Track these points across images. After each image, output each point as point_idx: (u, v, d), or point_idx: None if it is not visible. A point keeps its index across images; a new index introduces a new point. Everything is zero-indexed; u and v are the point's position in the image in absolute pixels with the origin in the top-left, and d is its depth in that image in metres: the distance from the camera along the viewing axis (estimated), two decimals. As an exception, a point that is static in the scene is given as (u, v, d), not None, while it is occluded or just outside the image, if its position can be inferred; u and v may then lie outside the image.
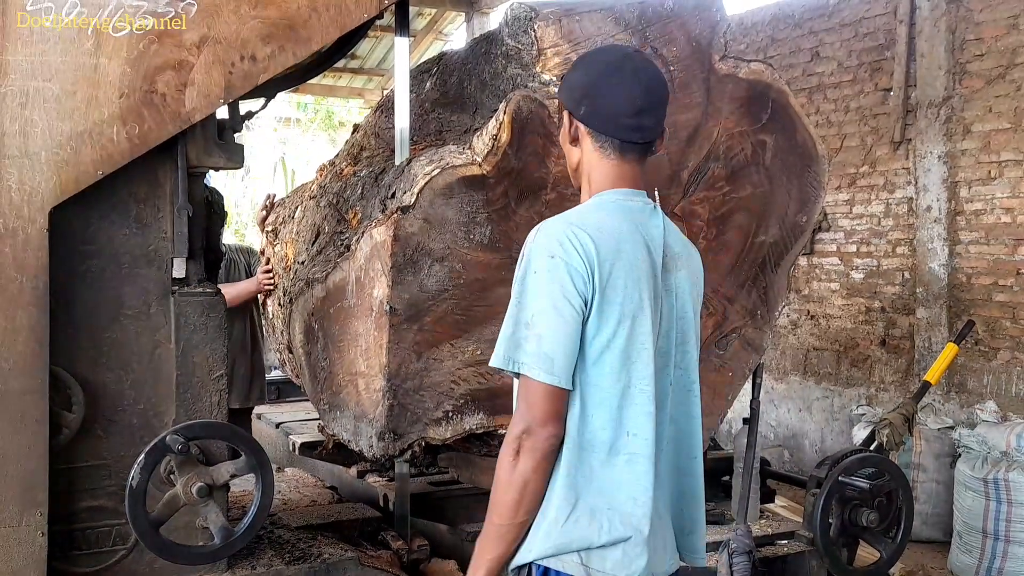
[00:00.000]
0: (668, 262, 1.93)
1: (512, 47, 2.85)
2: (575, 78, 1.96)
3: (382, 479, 3.59)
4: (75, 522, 2.67)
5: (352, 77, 12.46)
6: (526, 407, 1.78)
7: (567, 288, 1.76)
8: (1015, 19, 6.05)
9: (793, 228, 3.21)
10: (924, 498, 5.88)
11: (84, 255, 2.66)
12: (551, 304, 1.76)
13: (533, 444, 1.76)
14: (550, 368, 1.76)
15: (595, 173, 1.93)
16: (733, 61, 2.98)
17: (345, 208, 3.13)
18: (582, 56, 2.05)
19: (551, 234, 1.81)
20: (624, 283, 1.81)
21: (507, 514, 1.81)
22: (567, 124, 1.97)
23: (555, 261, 1.77)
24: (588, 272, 1.78)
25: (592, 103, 1.90)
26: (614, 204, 1.90)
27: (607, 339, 1.80)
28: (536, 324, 1.76)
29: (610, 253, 1.80)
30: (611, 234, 1.82)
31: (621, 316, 1.81)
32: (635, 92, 1.90)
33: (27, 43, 2.44)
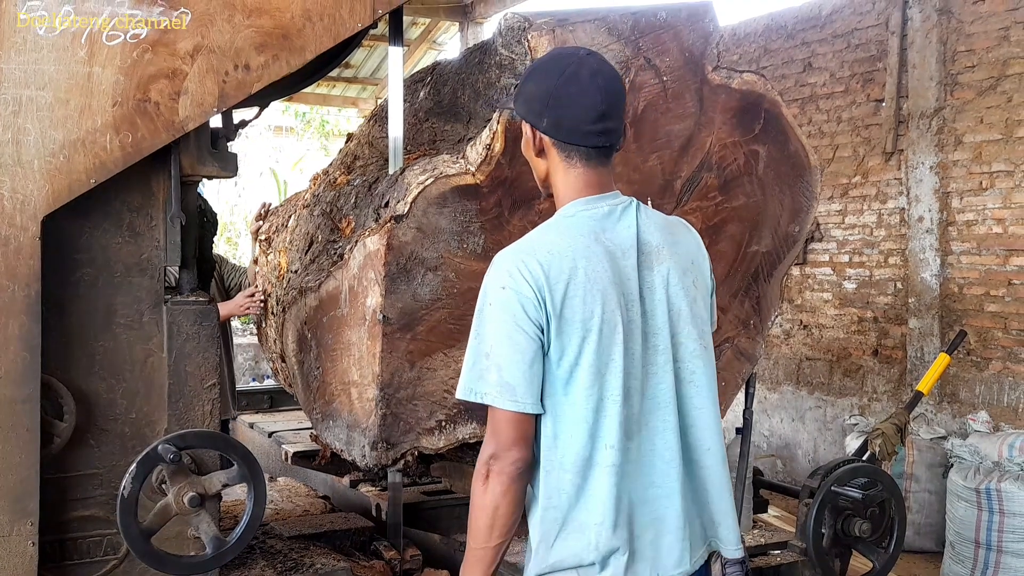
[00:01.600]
0: (645, 260, 1.93)
1: (506, 57, 2.86)
2: (531, 90, 1.95)
3: (375, 489, 3.58)
4: (66, 532, 2.66)
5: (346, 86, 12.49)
6: (492, 434, 1.84)
7: (519, 317, 1.81)
8: (1006, 31, 6.09)
9: (786, 238, 3.22)
10: (917, 508, 5.90)
11: (76, 264, 2.65)
12: (506, 334, 1.81)
13: (501, 468, 1.82)
14: (513, 395, 1.80)
15: (562, 184, 1.95)
16: (726, 72, 2.99)
17: (339, 217, 3.12)
18: (534, 65, 2.02)
19: (502, 266, 1.86)
20: (583, 301, 1.83)
21: (481, 538, 1.87)
22: (530, 136, 1.97)
23: (506, 292, 1.82)
24: (539, 299, 1.81)
25: (554, 115, 1.90)
26: (573, 219, 1.91)
27: (573, 358, 1.83)
28: (494, 355, 1.82)
29: (563, 274, 1.83)
30: (565, 254, 1.85)
31: (584, 332, 1.83)
32: (596, 98, 1.89)
33: (20, 51, 2.44)
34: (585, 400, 1.84)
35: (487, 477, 1.84)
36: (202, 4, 2.55)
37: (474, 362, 1.85)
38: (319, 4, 2.66)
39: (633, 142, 2.88)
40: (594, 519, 1.85)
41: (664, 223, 2.02)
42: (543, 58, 2.03)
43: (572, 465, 1.86)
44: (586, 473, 1.85)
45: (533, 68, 2.01)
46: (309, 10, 2.65)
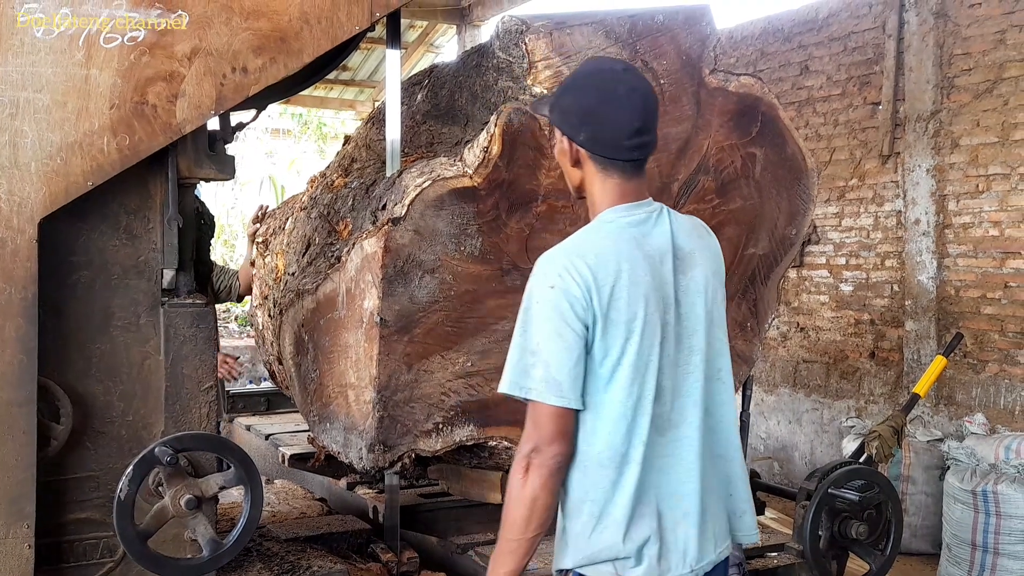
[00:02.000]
0: (680, 264, 2.02)
1: (503, 60, 2.86)
2: (569, 103, 2.01)
3: (372, 491, 3.57)
4: (62, 534, 2.65)
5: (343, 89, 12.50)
6: (534, 428, 1.90)
7: (567, 315, 1.88)
8: (1002, 34, 6.11)
9: (783, 241, 3.23)
10: (913, 510, 5.90)
11: (73, 266, 2.65)
12: (554, 331, 1.88)
13: (541, 462, 1.88)
14: (559, 391, 1.87)
15: (599, 194, 2.01)
16: (723, 75, 3.00)
17: (336, 219, 3.13)
18: (572, 79, 2.09)
19: (550, 265, 1.93)
20: (627, 302, 1.91)
21: (518, 529, 1.90)
22: (567, 147, 2.03)
23: (554, 291, 1.89)
24: (587, 299, 1.88)
25: (592, 129, 1.97)
26: (613, 224, 1.98)
27: (616, 357, 1.91)
28: (542, 351, 1.89)
29: (609, 276, 1.90)
30: (611, 257, 1.92)
31: (628, 333, 1.91)
32: (633, 115, 1.97)
33: (17, 54, 2.43)
34: (625, 398, 1.91)
35: (527, 470, 1.88)
36: (200, 7, 2.55)
37: (519, 358, 1.92)
38: (317, 7, 2.66)
39: None
40: (629, 512, 1.92)
41: (692, 227, 2.11)
42: (581, 71, 2.09)
43: (610, 460, 1.92)
44: (622, 468, 1.92)
45: (571, 81, 2.07)
46: (307, 13, 2.65)
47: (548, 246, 2.82)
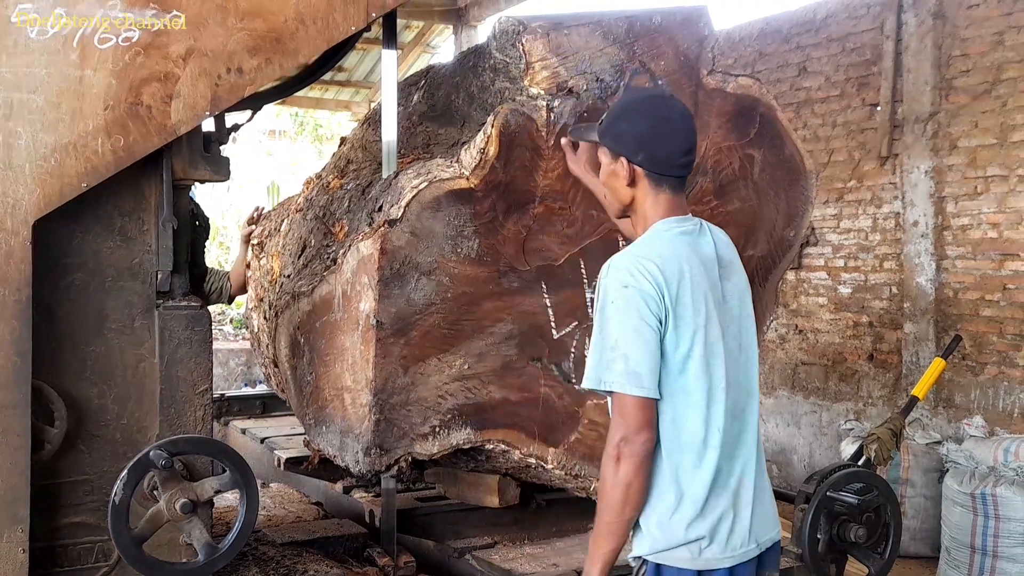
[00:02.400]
0: (723, 272, 2.25)
1: (500, 60, 2.85)
2: (626, 128, 2.23)
3: (368, 495, 3.56)
4: (57, 538, 2.65)
5: (339, 89, 12.48)
6: (621, 418, 2.05)
7: (643, 311, 2.05)
8: (1000, 35, 6.11)
9: (781, 243, 3.22)
10: (912, 513, 5.89)
11: (67, 268, 2.64)
12: (631, 327, 2.05)
13: (632, 450, 2.03)
14: (639, 383, 2.03)
15: (652, 208, 2.22)
16: (721, 76, 2.99)
17: (332, 221, 3.11)
18: (624, 106, 2.30)
19: (622, 267, 2.11)
20: (691, 299, 2.11)
21: (615, 512, 2.06)
22: (623, 169, 2.22)
23: (629, 290, 2.07)
24: (659, 295, 2.07)
25: (650, 151, 2.19)
26: (670, 232, 2.18)
27: (686, 349, 2.10)
28: (620, 346, 2.05)
29: (675, 275, 2.10)
30: (674, 259, 2.12)
31: (695, 327, 2.10)
32: (688, 136, 2.24)
33: (11, 55, 2.43)
34: (697, 388, 2.10)
35: (618, 459, 2.03)
36: (195, 7, 2.55)
37: (600, 355, 2.08)
38: (312, 7, 2.66)
39: None
40: (706, 495, 2.11)
41: (727, 240, 2.33)
42: (632, 99, 2.34)
43: (689, 446, 2.11)
44: (701, 454, 2.11)
45: (623, 109, 2.29)
46: (302, 13, 2.65)
47: (545, 248, 2.84)
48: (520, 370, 2.87)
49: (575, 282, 2.91)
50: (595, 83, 2.78)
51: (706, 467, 2.12)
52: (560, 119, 2.74)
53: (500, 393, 2.85)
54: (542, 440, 2.91)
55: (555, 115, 2.73)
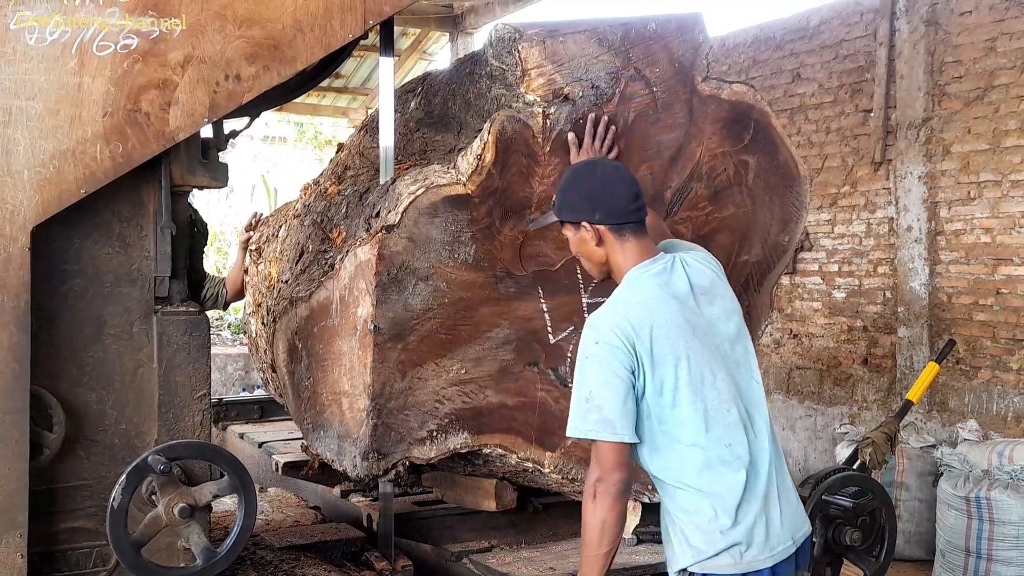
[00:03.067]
0: (702, 299, 2.38)
1: (496, 67, 2.86)
2: (574, 197, 2.41)
3: (366, 499, 3.57)
4: (55, 543, 2.65)
5: (336, 96, 12.49)
6: (597, 462, 2.22)
7: (613, 364, 2.22)
8: (992, 41, 6.14)
9: (775, 248, 3.23)
10: (907, 517, 5.90)
11: (66, 274, 2.65)
12: (603, 380, 2.22)
13: (605, 488, 2.20)
14: (612, 429, 2.20)
15: (621, 259, 2.38)
16: (715, 82, 3.00)
17: (329, 227, 3.12)
18: (564, 182, 2.47)
19: (594, 324, 2.29)
20: (666, 337, 2.26)
21: (594, 546, 2.23)
22: (587, 233, 2.38)
23: (600, 346, 2.24)
24: (628, 346, 2.23)
25: (604, 206, 2.37)
26: (640, 279, 2.35)
27: (672, 382, 2.25)
28: (595, 398, 2.22)
29: (643, 322, 2.25)
30: (640, 306, 2.29)
31: (676, 360, 2.25)
32: (627, 183, 2.42)
33: (10, 62, 2.44)
34: (692, 413, 2.25)
35: (594, 496, 2.21)
36: (193, 14, 2.56)
37: (578, 406, 2.26)
38: (310, 15, 2.67)
39: (623, 152, 2.88)
40: (737, 504, 2.25)
41: (702, 264, 2.45)
42: (572, 171, 2.51)
43: (704, 466, 2.26)
44: (719, 470, 2.26)
45: (568, 181, 2.46)
46: (300, 21, 2.66)
47: (541, 253, 2.86)
48: (517, 375, 2.88)
49: (571, 287, 2.93)
50: (591, 90, 2.79)
51: (728, 480, 2.26)
52: (556, 125, 2.76)
53: (497, 398, 2.87)
54: (539, 444, 2.93)
55: (551, 122, 2.75)
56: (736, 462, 2.27)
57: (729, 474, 2.27)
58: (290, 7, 2.65)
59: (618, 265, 2.39)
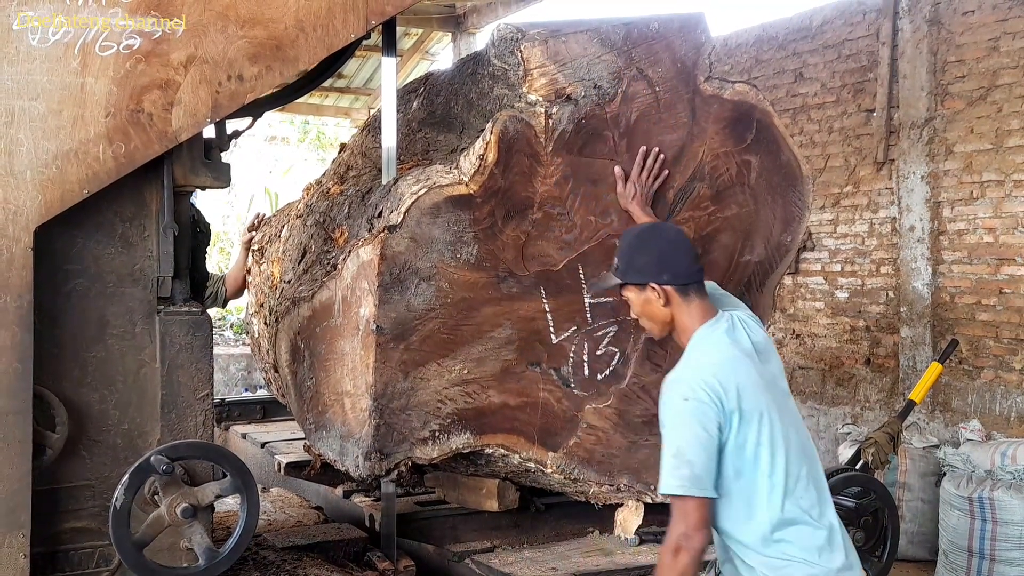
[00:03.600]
0: (762, 357, 2.46)
1: (499, 67, 2.87)
2: (641, 259, 2.48)
3: (368, 499, 3.57)
4: (58, 543, 2.65)
5: (339, 96, 12.49)
6: (682, 517, 2.26)
7: (703, 421, 2.28)
8: (995, 41, 6.13)
9: (778, 248, 3.24)
10: (910, 517, 5.89)
11: (69, 274, 2.65)
12: (693, 436, 2.27)
13: (691, 544, 2.24)
14: (701, 486, 2.27)
15: (688, 318, 2.46)
16: (718, 82, 3.00)
17: (332, 227, 3.13)
18: (631, 243, 2.53)
19: (681, 381, 2.35)
20: (752, 394, 2.33)
21: None
22: (653, 295, 2.45)
23: (688, 403, 2.30)
24: (718, 404, 2.29)
25: (671, 268, 2.45)
26: (713, 337, 2.42)
27: (755, 439, 2.32)
28: (684, 454, 2.27)
29: (731, 379, 2.32)
30: (726, 364, 2.36)
31: (760, 417, 2.33)
32: (687, 245, 2.54)
33: (13, 62, 2.44)
34: (771, 471, 2.33)
35: (677, 551, 2.25)
36: (195, 15, 2.56)
37: (667, 463, 2.29)
38: (312, 15, 2.67)
39: (626, 152, 2.89)
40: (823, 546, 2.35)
41: (754, 322, 2.55)
42: (634, 237, 2.56)
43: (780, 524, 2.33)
44: (799, 527, 2.34)
45: (632, 244, 2.52)
46: (302, 21, 2.66)
47: (544, 253, 2.87)
48: (519, 375, 2.89)
49: (574, 287, 2.93)
50: (593, 90, 2.80)
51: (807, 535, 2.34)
52: (558, 125, 2.76)
53: (499, 398, 2.87)
54: (541, 444, 2.93)
55: (553, 121, 2.75)
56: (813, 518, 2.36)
57: (808, 530, 2.35)
58: (292, 7, 2.65)
59: (683, 324, 2.46)
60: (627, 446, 3.05)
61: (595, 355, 2.98)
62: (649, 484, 3.08)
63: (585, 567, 3.00)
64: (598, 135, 2.86)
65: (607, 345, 2.99)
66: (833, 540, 2.38)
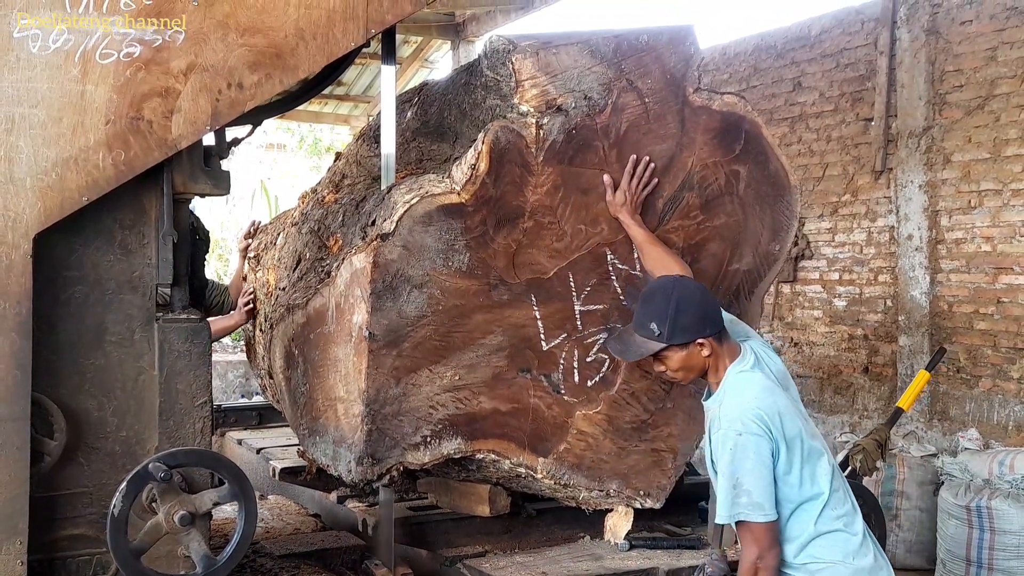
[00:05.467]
0: (781, 384, 2.62)
1: (491, 78, 2.90)
2: (687, 319, 2.55)
3: (362, 504, 3.58)
4: (55, 551, 2.64)
5: (338, 104, 12.51)
6: (753, 541, 2.44)
7: (759, 451, 2.44)
8: (993, 51, 6.16)
9: (766, 256, 3.26)
10: (908, 526, 5.88)
11: (68, 281, 2.65)
12: (750, 467, 2.43)
13: (766, 564, 2.44)
14: (762, 511, 2.43)
15: (721, 361, 2.59)
16: (707, 93, 3.04)
17: (326, 235, 3.16)
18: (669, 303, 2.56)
19: (733, 418, 2.49)
20: (791, 420, 2.50)
21: None
22: (699, 349, 2.55)
23: (743, 437, 2.45)
24: (768, 434, 2.45)
25: (709, 321, 2.58)
26: (747, 374, 2.56)
27: (799, 462, 2.49)
28: (742, 484, 2.44)
29: (774, 412, 2.48)
30: (767, 398, 2.51)
31: (800, 441, 2.50)
32: (709, 293, 2.67)
33: (13, 69, 2.45)
34: (813, 489, 2.50)
35: (756, 572, 2.44)
36: (196, 23, 2.57)
37: (725, 494, 2.46)
38: (312, 23, 2.67)
39: (616, 162, 2.92)
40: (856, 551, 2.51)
41: (773, 356, 2.70)
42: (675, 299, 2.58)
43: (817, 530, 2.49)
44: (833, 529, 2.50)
45: (676, 308, 2.56)
46: (302, 29, 2.66)
47: (535, 261, 2.90)
48: (510, 381, 2.91)
49: (564, 295, 2.96)
50: (583, 101, 2.83)
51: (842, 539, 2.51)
52: (549, 136, 2.80)
53: (490, 404, 2.90)
54: (531, 450, 2.96)
55: (544, 132, 2.79)
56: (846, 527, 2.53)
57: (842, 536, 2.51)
58: (292, 16, 2.65)
59: (717, 367, 2.60)
60: (616, 452, 3.08)
61: (585, 362, 3.01)
62: (638, 490, 3.10)
63: (575, 571, 3.01)
64: (588, 145, 2.89)
65: (597, 352, 3.02)
66: (864, 544, 2.53)
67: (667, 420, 3.16)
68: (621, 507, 3.20)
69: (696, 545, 3.26)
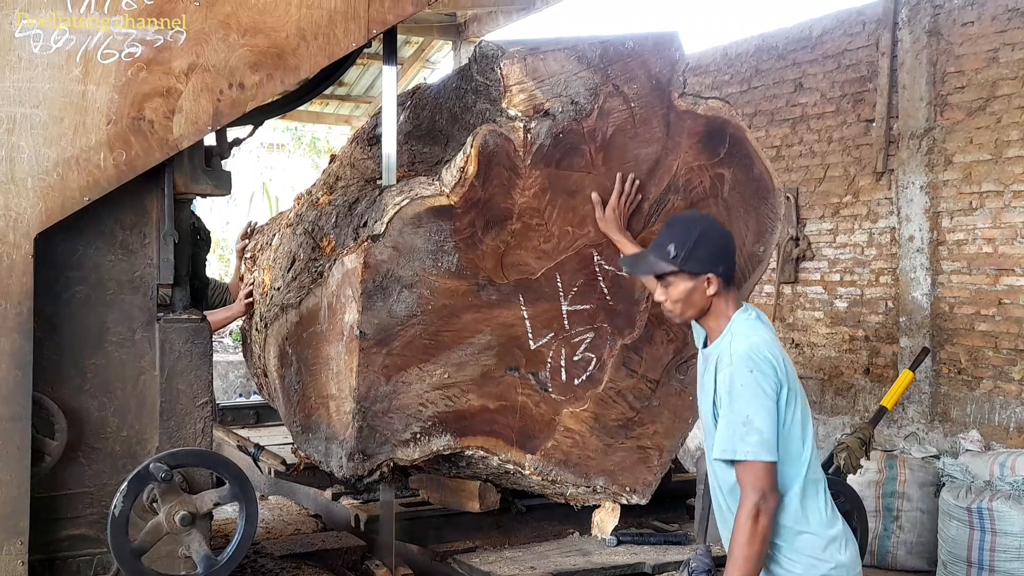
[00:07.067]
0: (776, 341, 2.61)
1: (481, 83, 2.95)
2: (703, 251, 2.53)
3: (356, 501, 3.61)
4: (56, 551, 2.65)
5: (339, 104, 12.51)
6: (754, 482, 2.39)
7: (768, 390, 2.42)
8: (995, 52, 6.15)
9: (751, 258, 3.30)
10: (909, 527, 5.87)
11: (69, 281, 2.66)
12: (761, 404, 2.41)
13: (768, 507, 2.39)
14: (771, 450, 2.40)
15: (726, 305, 2.57)
16: (692, 98, 3.08)
17: (320, 236, 3.20)
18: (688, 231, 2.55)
19: (743, 354, 2.46)
20: (791, 371, 2.51)
21: (754, 562, 2.40)
22: (705, 285, 2.53)
23: (754, 374, 2.43)
24: (776, 374, 2.44)
25: (726, 261, 2.57)
26: (753, 320, 2.56)
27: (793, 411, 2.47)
28: (753, 421, 2.40)
29: (779, 355, 2.49)
30: (772, 342, 2.52)
31: (796, 392, 2.50)
32: (733, 244, 2.64)
33: (14, 69, 2.46)
34: (803, 440, 2.50)
35: (757, 516, 2.38)
36: (197, 23, 2.58)
37: (733, 430, 2.41)
38: (314, 24, 2.68)
39: (602, 165, 2.97)
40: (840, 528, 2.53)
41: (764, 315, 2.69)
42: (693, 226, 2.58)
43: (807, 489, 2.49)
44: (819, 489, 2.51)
45: (692, 234, 2.55)
46: (304, 29, 2.67)
47: (523, 262, 2.95)
48: (498, 379, 2.96)
49: (551, 295, 3.01)
50: (570, 105, 2.89)
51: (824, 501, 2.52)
52: (537, 139, 2.85)
53: (479, 401, 2.94)
54: (519, 447, 3.01)
55: (532, 136, 2.84)
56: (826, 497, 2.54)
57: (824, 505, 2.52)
58: (294, 16, 2.66)
59: (720, 310, 2.57)
60: (603, 449, 3.12)
61: (572, 360, 3.06)
62: (625, 486, 3.15)
63: (563, 566, 3.05)
64: (575, 149, 2.94)
65: (584, 351, 3.07)
66: (834, 513, 2.54)
67: (653, 418, 3.20)
68: (608, 503, 3.24)
69: (682, 541, 3.29)
